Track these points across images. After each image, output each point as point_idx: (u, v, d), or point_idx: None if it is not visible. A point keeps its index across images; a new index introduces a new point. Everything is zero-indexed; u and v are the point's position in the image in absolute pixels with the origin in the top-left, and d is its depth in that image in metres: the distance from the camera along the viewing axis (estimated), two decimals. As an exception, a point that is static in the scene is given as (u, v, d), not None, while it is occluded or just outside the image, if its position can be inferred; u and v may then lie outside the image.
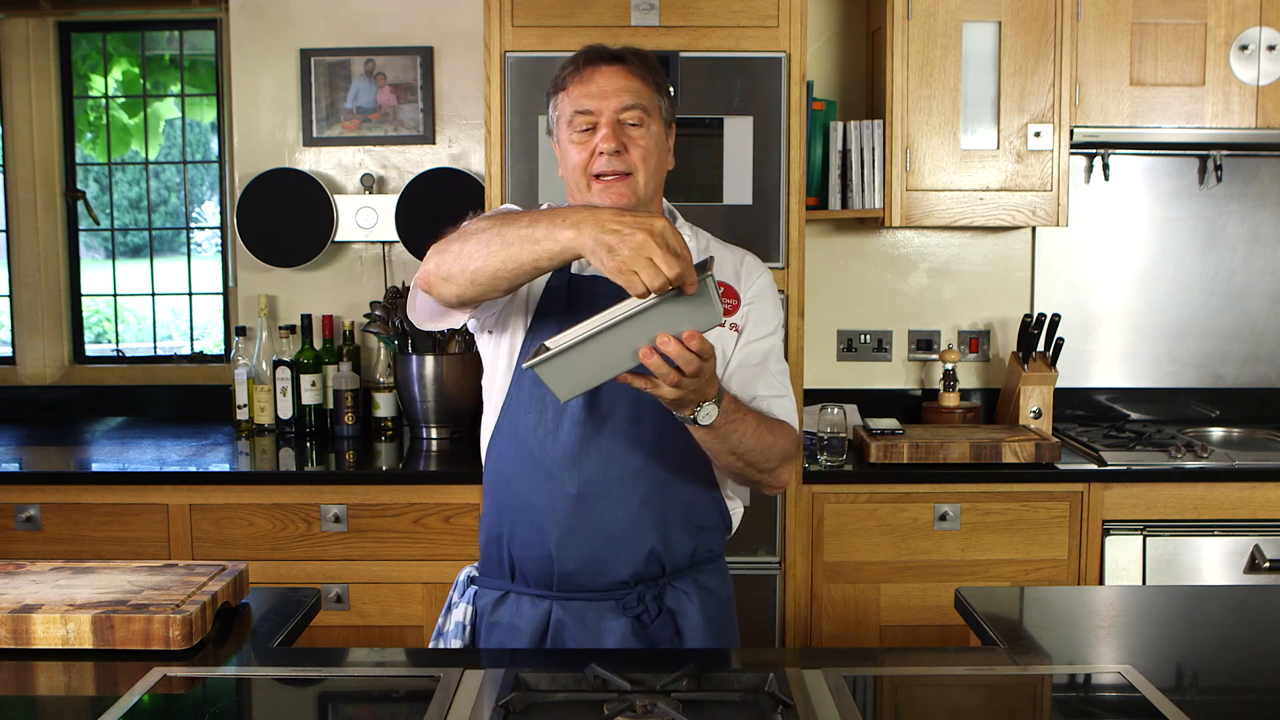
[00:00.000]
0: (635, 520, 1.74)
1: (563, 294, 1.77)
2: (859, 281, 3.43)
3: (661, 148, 1.76)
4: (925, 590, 2.86)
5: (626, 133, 1.71)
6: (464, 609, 1.86)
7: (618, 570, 1.74)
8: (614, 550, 1.74)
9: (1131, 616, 1.78)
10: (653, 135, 1.73)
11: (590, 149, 1.71)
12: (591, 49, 1.76)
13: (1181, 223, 3.43)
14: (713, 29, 2.81)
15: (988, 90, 3.05)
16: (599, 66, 1.73)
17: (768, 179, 2.84)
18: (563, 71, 1.76)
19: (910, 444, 2.88)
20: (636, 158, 1.71)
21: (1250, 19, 3.02)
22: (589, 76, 1.72)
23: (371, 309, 3.30)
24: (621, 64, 1.73)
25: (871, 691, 1.52)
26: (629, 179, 1.71)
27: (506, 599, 1.81)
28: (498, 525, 1.81)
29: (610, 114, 1.70)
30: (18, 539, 2.82)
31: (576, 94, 1.72)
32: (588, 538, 1.73)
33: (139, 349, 3.84)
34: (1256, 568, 2.85)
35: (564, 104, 1.75)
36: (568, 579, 1.75)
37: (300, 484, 2.86)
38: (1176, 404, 3.47)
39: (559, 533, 1.73)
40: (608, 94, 1.71)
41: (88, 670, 1.54)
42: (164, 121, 3.85)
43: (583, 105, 1.71)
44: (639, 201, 1.72)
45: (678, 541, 1.77)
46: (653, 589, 1.76)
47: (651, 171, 1.73)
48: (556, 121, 1.77)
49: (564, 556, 1.74)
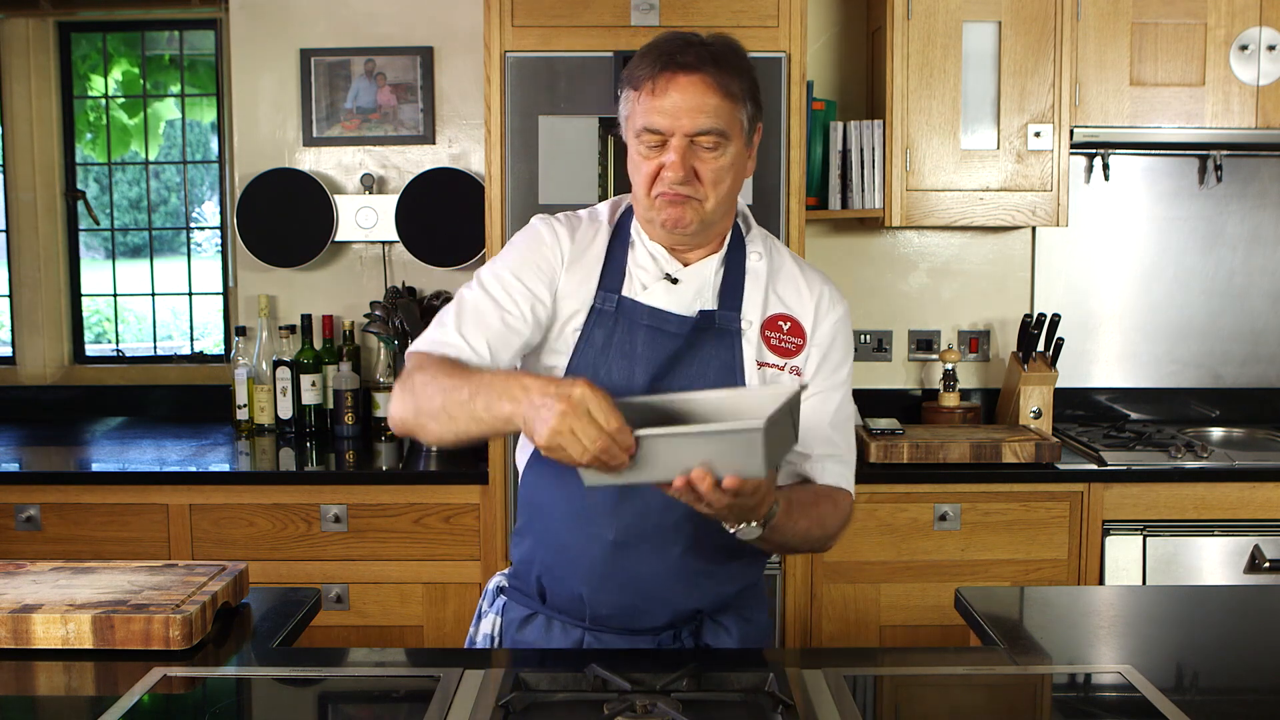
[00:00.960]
0: (675, 572, 1.63)
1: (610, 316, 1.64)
2: (859, 281, 3.43)
3: (739, 166, 1.60)
4: (925, 590, 2.86)
5: (698, 155, 1.55)
6: (493, 620, 1.77)
7: (655, 618, 1.66)
8: (651, 600, 1.64)
9: (1131, 616, 1.78)
10: (729, 157, 1.57)
11: (656, 166, 1.56)
12: (670, 46, 1.56)
13: (1181, 223, 3.43)
14: (712, 29, 2.75)
15: (988, 90, 3.05)
16: (676, 77, 1.54)
17: (768, 179, 2.84)
18: (639, 66, 1.58)
19: (910, 444, 2.88)
20: (707, 184, 1.56)
21: (1250, 19, 3.02)
22: (664, 87, 1.54)
23: (371, 309, 3.30)
24: (702, 74, 1.54)
25: (871, 691, 1.52)
26: (693, 202, 1.57)
27: (535, 619, 1.71)
28: (531, 553, 1.70)
29: (682, 135, 1.54)
30: (18, 539, 2.83)
31: (648, 106, 1.55)
32: (624, 585, 1.63)
33: (139, 349, 3.84)
34: (1256, 568, 2.85)
35: (634, 109, 1.58)
36: (601, 620, 1.66)
37: (300, 484, 2.86)
38: (1176, 404, 3.47)
39: (595, 579, 1.63)
40: (681, 113, 1.53)
41: (88, 670, 1.54)
42: (164, 122, 3.85)
43: (653, 123, 1.55)
44: (703, 224, 1.60)
45: (719, 586, 1.68)
46: (690, 625, 1.68)
47: (724, 195, 1.59)
48: (626, 120, 1.61)
49: (598, 602, 1.65)
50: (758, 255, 1.70)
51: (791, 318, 1.68)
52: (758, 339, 1.65)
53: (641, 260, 1.66)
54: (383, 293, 3.39)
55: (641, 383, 1.61)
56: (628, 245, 1.67)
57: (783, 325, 1.67)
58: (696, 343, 1.63)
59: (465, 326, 1.60)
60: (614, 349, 1.63)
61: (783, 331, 1.67)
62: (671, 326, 1.63)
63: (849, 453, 1.71)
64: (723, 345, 1.64)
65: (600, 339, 1.63)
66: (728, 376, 1.63)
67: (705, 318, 1.64)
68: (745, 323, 1.65)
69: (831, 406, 1.68)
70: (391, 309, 3.25)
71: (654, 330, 1.63)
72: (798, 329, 1.67)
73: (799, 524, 1.54)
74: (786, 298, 1.69)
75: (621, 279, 1.65)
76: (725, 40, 1.61)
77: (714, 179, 1.57)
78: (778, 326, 1.67)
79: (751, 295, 1.67)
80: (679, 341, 1.62)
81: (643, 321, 1.63)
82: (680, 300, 1.64)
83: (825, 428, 1.67)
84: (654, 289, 1.64)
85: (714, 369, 1.62)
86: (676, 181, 1.55)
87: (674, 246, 1.66)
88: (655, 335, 1.63)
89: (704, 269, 1.66)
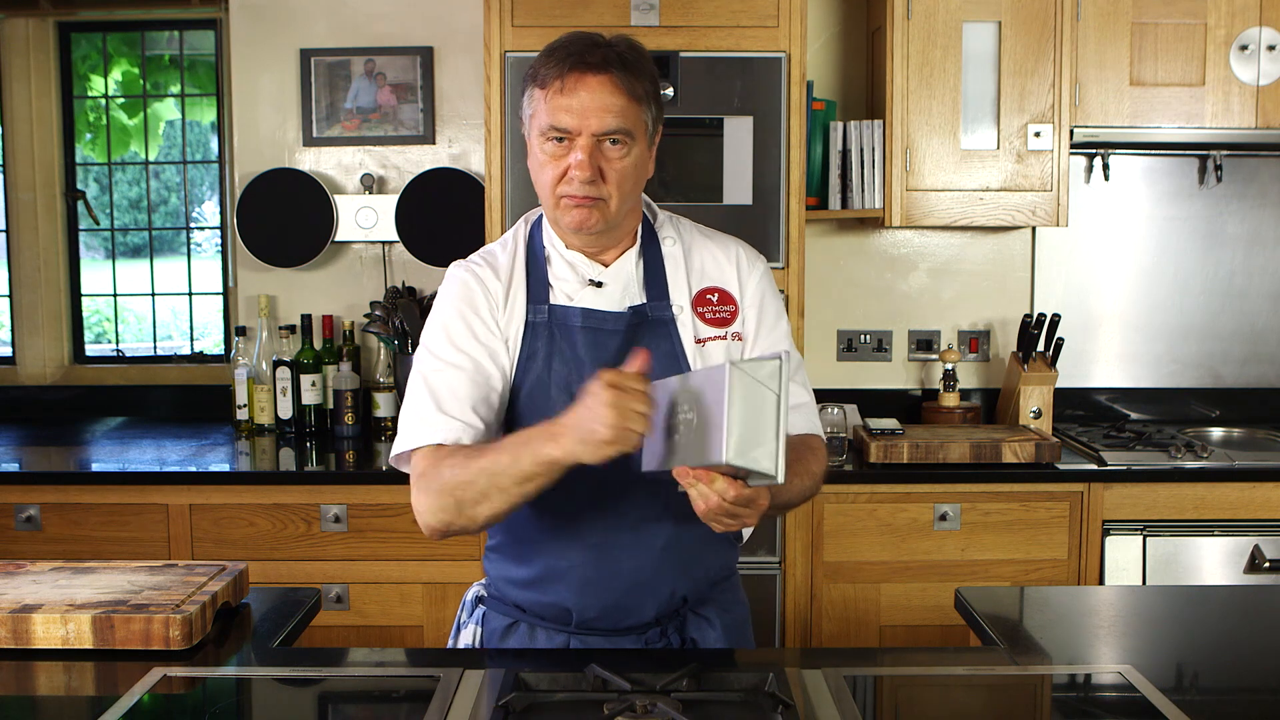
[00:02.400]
0: (657, 566, 1.65)
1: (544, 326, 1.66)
2: (859, 281, 3.43)
3: (641, 166, 1.62)
4: (925, 590, 2.86)
5: (604, 154, 1.57)
6: (473, 630, 1.76)
7: (641, 613, 1.67)
8: (636, 596, 1.66)
9: (1131, 616, 1.78)
10: (633, 157, 1.59)
11: (563, 168, 1.57)
12: (577, 47, 1.57)
13: (1181, 223, 3.43)
14: (712, 29, 2.82)
15: (988, 90, 3.05)
16: (584, 76, 1.54)
17: (768, 179, 2.84)
18: (544, 65, 1.58)
19: (910, 444, 2.88)
20: (612, 184, 1.58)
21: (1250, 19, 3.02)
22: (571, 86, 1.55)
23: (371, 309, 3.30)
24: (609, 74, 1.55)
25: (871, 691, 1.52)
26: (600, 204, 1.58)
27: (517, 627, 1.72)
28: (507, 566, 1.71)
29: (589, 135, 1.55)
30: (18, 539, 2.82)
31: (555, 105, 1.55)
32: (609, 586, 1.65)
33: (139, 349, 3.84)
34: (1256, 568, 2.85)
35: (539, 107, 1.58)
36: (587, 623, 1.67)
37: (300, 484, 2.86)
38: (1176, 404, 3.47)
39: (579, 583, 1.65)
40: (589, 112, 1.54)
41: (88, 670, 1.54)
42: (164, 122, 3.85)
43: (561, 121, 1.55)
44: (608, 224, 1.61)
45: (700, 575, 1.71)
46: (675, 621, 1.70)
47: (626, 194, 1.60)
48: (530, 120, 1.61)
49: (585, 606, 1.66)
50: (671, 240, 1.73)
51: (718, 288, 1.71)
52: (691, 318, 1.69)
53: (560, 272, 1.68)
54: (383, 293, 3.39)
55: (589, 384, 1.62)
56: (543, 259, 1.69)
57: (711, 298, 1.71)
58: (634, 338, 1.65)
59: (446, 406, 1.59)
60: (556, 356, 1.64)
61: (713, 304, 1.70)
62: (609, 324, 1.65)
63: (809, 395, 1.74)
64: (660, 334, 1.67)
65: (541, 350, 1.65)
66: (671, 363, 1.65)
67: (637, 312, 1.67)
68: (676, 308, 1.68)
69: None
70: (391, 309, 3.25)
71: (591, 331, 1.65)
72: (726, 297, 1.71)
73: (792, 482, 1.55)
74: (708, 270, 1.72)
75: (546, 291, 1.67)
76: (629, 41, 1.62)
77: (619, 179, 1.59)
78: (707, 301, 1.70)
79: (675, 279, 1.70)
80: (618, 338, 1.65)
81: (578, 324, 1.65)
82: (609, 299, 1.67)
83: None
84: (580, 295, 1.67)
85: (657, 359, 1.63)
86: (584, 181, 1.56)
87: (585, 248, 1.68)
88: (594, 335, 1.65)
89: (624, 265, 1.69)
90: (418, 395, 1.62)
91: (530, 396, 1.64)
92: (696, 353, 1.67)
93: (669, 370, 1.63)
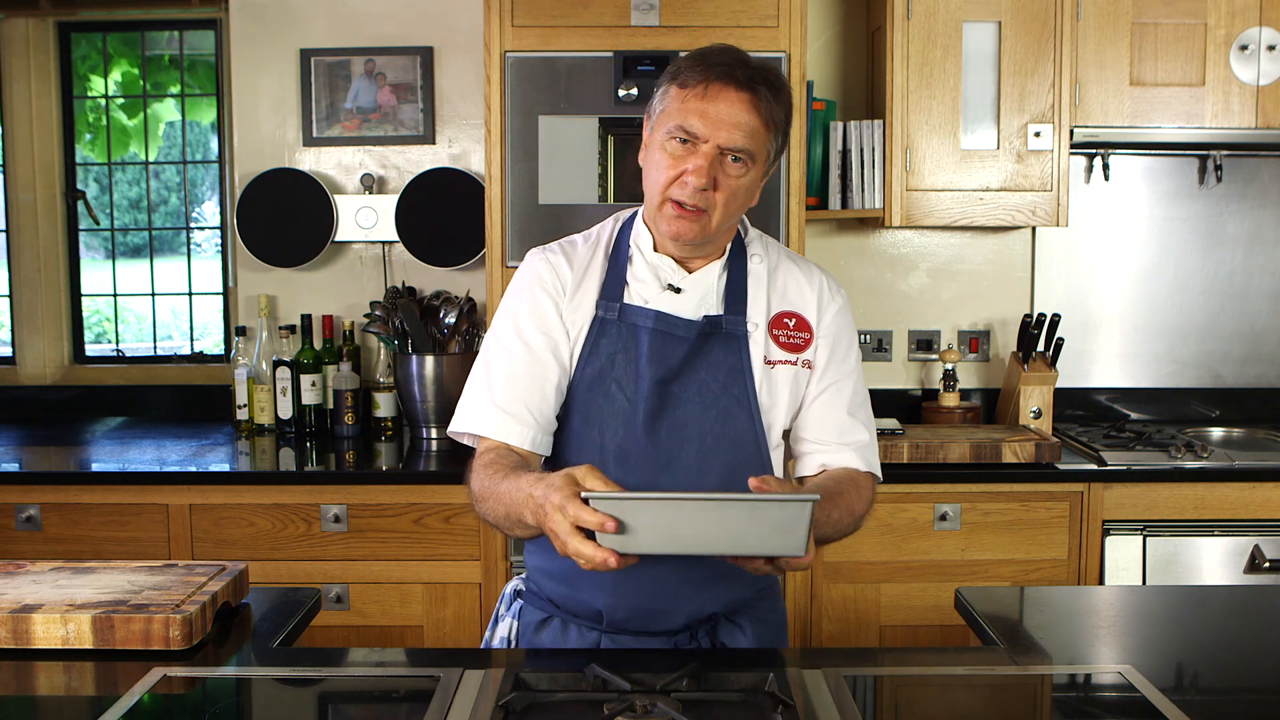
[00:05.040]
0: (692, 575, 1.65)
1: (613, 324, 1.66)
2: (859, 281, 3.43)
3: (752, 190, 1.62)
4: (925, 590, 2.86)
5: (723, 168, 1.57)
6: (509, 624, 1.78)
7: (672, 619, 1.68)
8: (668, 603, 1.66)
9: (1131, 616, 1.78)
10: (748, 179, 1.59)
11: (679, 171, 1.57)
12: (728, 58, 1.57)
13: (1181, 223, 3.43)
14: (713, 29, 2.81)
15: (988, 90, 3.05)
16: (727, 88, 1.55)
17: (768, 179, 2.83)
18: (690, 66, 1.58)
19: (910, 444, 2.88)
20: (721, 198, 1.58)
21: (1250, 19, 3.02)
22: (714, 94, 1.55)
23: (371, 309, 3.30)
24: (752, 93, 1.55)
25: (871, 691, 1.52)
26: (702, 216, 1.58)
27: (551, 622, 1.73)
28: (546, 562, 1.71)
29: (715, 145, 1.55)
30: (18, 539, 2.82)
31: (691, 107, 1.55)
32: (640, 592, 1.65)
33: (139, 349, 3.84)
34: (1256, 568, 2.85)
35: (673, 105, 1.57)
36: (618, 625, 1.68)
37: (300, 484, 2.86)
38: (1176, 404, 3.47)
39: (611, 586, 1.65)
40: (721, 125, 1.55)
41: (88, 670, 1.54)
42: (164, 122, 3.85)
43: (692, 125, 1.55)
44: (706, 239, 1.62)
45: (736, 590, 1.70)
46: (706, 626, 1.70)
47: (732, 213, 1.61)
48: (658, 115, 1.60)
49: (615, 608, 1.67)
50: (759, 258, 1.72)
51: (797, 314, 1.70)
52: (764, 339, 1.68)
53: (641, 273, 1.68)
54: (383, 293, 3.39)
55: (648, 386, 1.63)
56: (626, 259, 1.69)
57: (789, 322, 1.70)
58: (703, 347, 1.65)
59: (499, 397, 1.63)
60: (620, 355, 1.64)
61: (789, 328, 1.70)
62: (679, 330, 1.64)
63: (869, 434, 1.72)
64: (730, 349, 1.66)
65: (605, 347, 1.65)
66: (736, 378, 1.65)
67: (711, 323, 1.66)
68: (751, 325, 1.68)
69: (846, 394, 1.71)
70: (391, 309, 3.25)
71: (660, 334, 1.64)
72: (804, 324, 1.70)
73: (831, 515, 1.56)
74: (789, 295, 1.72)
75: (622, 289, 1.67)
76: (775, 69, 1.63)
77: (728, 196, 1.58)
78: (784, 324, 1.70)
79: (755, 297, 1.69)
80: (686, 345, 1.64)
81: (648, 325, 1.64)
82: (685, 306, 1.66)
83: (843, 415, 1.70)
84: (658, 298, 1.66)
85: (723, 371, 1.65)
86: (698, 187, 1.56)
87: (675, 254, 1.68)
88: (662, 339, 1.64)
89: (708, 275, 1.68)
90: (478, 377, 1.67)
91: (589, 391, 1.65)
92: (764, 373, 1.67)
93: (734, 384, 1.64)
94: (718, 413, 1.64)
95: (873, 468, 1.72)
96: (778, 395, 1.68)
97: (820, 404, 1.69)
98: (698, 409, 1.64)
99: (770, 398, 1.67)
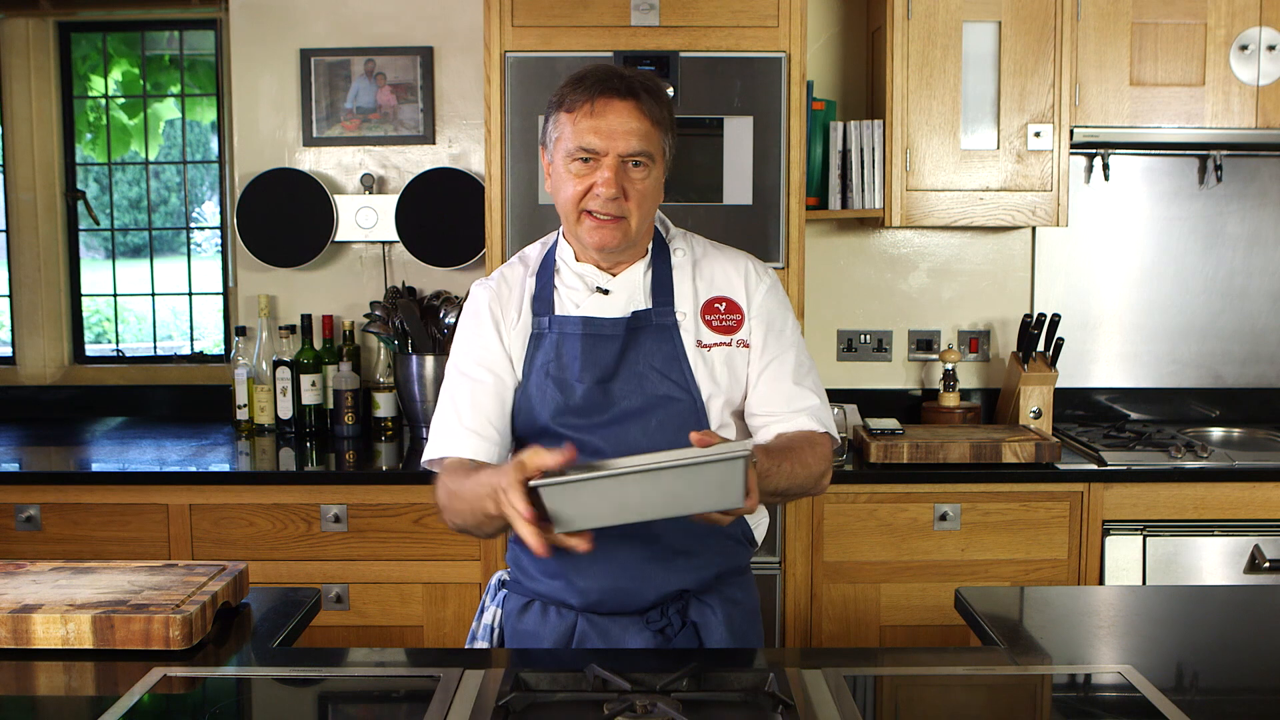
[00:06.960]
0: (658, 554, 1.73)
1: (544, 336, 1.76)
2: (859, 281, 3.43)
3: (659, 188, 1.72)
4: (925, 590, 2.86)
5: (628, 175, 1.66)
6: (493, 612, 1.86)
7: (642, 597, 1.74)
8: (638, 582, 1.74)
9: (1131, 616, 1.78)
10: (652, 179, 1.69)
11: (587, 185, 1.66)
12: (604, 75, 1.67)
13: (1181, 223, 3.43)
14: (712, 29, 2.82)
15: (988, 90, 3.05)
16: (611, 101, 1.64)
17: (768, 179, 2.84)
18: (571, 91, 1.68)
19: (910, 444, 2.88)
20: (633, 203, 1.67)
21: (1250, 19, 3.02)
22: (600, 110, 1.64)
23: (371, 309, 3.30)
24: (635, 100, 1.65)
25: (871, 691, 1.52)
26: (622, 222, 1.68)
27: (532, 606, 1.81)
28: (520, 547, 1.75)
29: (615, 156, 1.65)
30: (18, 539, 2.82)
31: (584, 127, 1.65)
32: (610, 571, 1.72)
33: (139, 349, 3.84)
34: (1256, 568, 2.85)
35: (566, 129, 1.67)
36: (591, 605, 1.75)
37: (300, 484, 2.86)
38: (1176, 404, 3.47)
39: (581, 566, 1.72)
40: (616, 135, 1.64)
41: (88, 670, 1.54)
42: (164, 122, 3.85)
43: (589, 143, 1.64)
44: (628, 242, 1.71)
45: (703, 566, 1.77)
46: (677, 605, 1.76)
47: (646, 213, 1.71)
48: (554, 142, 1.70)
49: (588, 589, 1.74)
50: (681, 252, 1.82)
51: (727, 298, 1.79)
52: (695, 325, 1.76)
53: (569, 282, 1.78)
54: (383, 293, 3.39)
55: (587, 387, 1.72)
56: (553, 272, 1.79)
57: (719, 307, 1.79)
58: (635, 342, 1.74)
59: (466, 419, 1.73)
60: (554, 364, 1.74)
61: (720, 312, 1.78)
62: (607, 329, 1.74)
63: (820, 399, 1.79)
64: (662, 338, 1.75)
65: (540, 358, 1.75)
66: (672, 364, 1.74)
67: (640, 317, 1.75)
68: (680, 314, 1.76)
69: (789, 365, 1.78)
70: (391, 309, 3.25)
71: (590, 337, 1.74)
72: (734, 307, 1.79)
73: (783, 467, 1.62)
74: (717, 281, 1.80)
75: (551, 302, 1.77)
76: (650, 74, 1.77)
77: (640, 198, 1.68)
78: (715, 309, 1.79)
79: (681, 288, 1.78)
80: (617, 343, 1.74)
81: (577, 331, 1.74)
82: (613, 307, 1.76)
83: (789, 385, 1.77)
84: (586, 303, 1.76)
85: (659, 359, 1.74)
86: (609, 198, 1.65)
87: (599, 262, 1.77)
88: (592, 341, 1.74)
89: (633, 274, 1.78)
90: (443, 408, 1.77)
91: (526, 398, 1.75)
92: (699, 355, 1.76)
93: (670, 369, 1.73)
94: (658, 399, 1.72)
95: (828, 428, 1.78)
96: (716, 375, 1.75)
97: (765, 379, 1.77)
98: (639, 401, 1.72)
99: (708, 378, 1.75)
